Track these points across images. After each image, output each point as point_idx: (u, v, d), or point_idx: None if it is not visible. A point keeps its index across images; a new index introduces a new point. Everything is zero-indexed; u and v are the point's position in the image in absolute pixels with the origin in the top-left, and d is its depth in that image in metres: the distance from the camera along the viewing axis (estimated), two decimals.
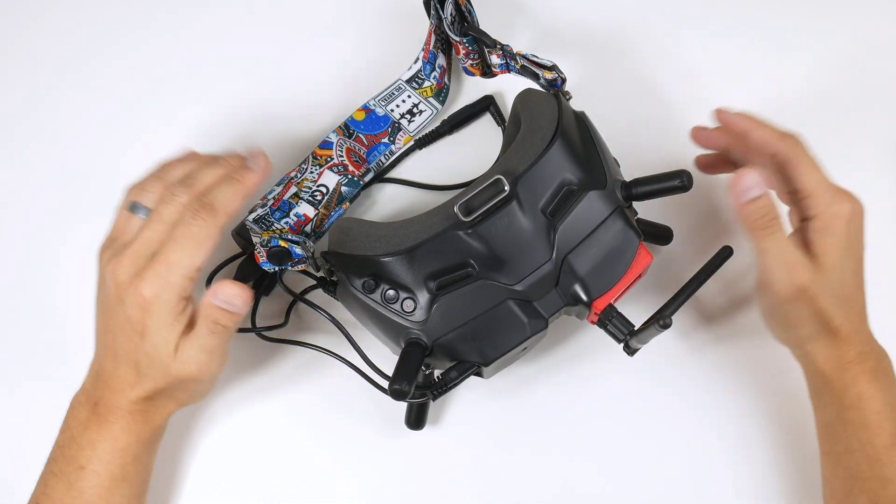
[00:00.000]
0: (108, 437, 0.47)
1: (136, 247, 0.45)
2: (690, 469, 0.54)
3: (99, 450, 0.47)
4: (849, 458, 0.46)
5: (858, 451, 0.45)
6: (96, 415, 0.47)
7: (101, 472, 0.47)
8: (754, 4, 0.66)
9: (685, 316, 0.57)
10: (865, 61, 0.64)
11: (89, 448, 0.47)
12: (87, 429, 0.47)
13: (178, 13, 0.67)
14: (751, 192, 0.44)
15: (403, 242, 0.47)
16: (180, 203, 0.45)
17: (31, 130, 0.64)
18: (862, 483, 0.45)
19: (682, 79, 0.63)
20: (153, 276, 0.44)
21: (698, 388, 0.56)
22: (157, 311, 0.44)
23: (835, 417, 0.47)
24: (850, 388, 0.46)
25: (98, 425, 0.47)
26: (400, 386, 0.44)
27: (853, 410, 0.46)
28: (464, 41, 0.55)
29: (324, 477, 0.55)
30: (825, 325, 0.46)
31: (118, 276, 0.45)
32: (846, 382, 0.46)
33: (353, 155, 0.59)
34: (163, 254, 0.44)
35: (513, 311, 0.47)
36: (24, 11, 0.67)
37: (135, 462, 0.48)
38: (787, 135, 0.47)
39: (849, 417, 0.46)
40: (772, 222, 0.44)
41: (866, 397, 0.45)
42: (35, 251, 0.60)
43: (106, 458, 0.47)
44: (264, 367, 0.57)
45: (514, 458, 0.55)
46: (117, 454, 0.47)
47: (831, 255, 0.45)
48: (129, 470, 0.48)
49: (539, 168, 0.47)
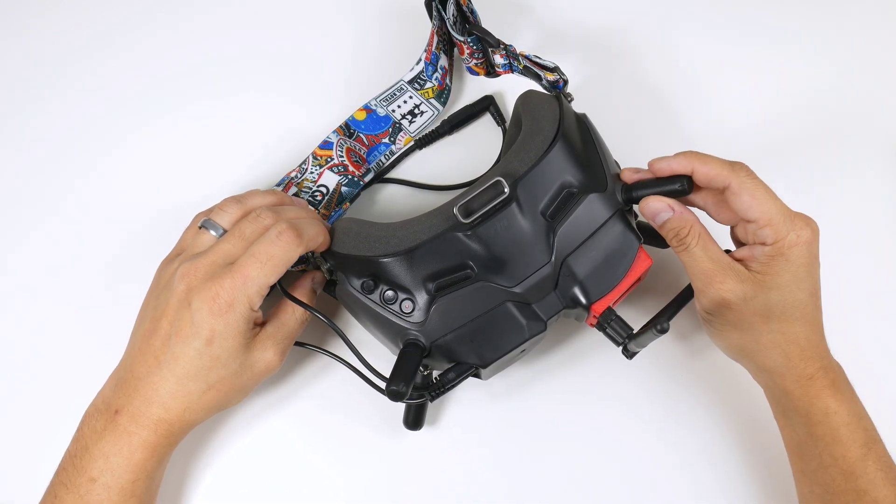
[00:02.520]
0: (124, 450, 0.46)
1: (214, 256, 0.46)
2: (689, 471, 0.54)
3: (112, 462, 0.45)
4: (823, 474, 0.46)
5: (832, 467, 0.45)
6: (115, 424, 0.46)
7: (111, 485, 0.45)
8: (755, 6, 0.66)
9: (684, 320, 0.57)
10: (866, 61, 0.64)
11: (102, 459, 0.45)
12: (102, 439, 0.46)
13: (179, 13, 0.67)
14: (660, 215, 0.47)
15: (403, 243, 0.47)
16: (263, 225, 0.46)
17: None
18: (838, 497, 0.45)
19: (683, 82, 0.63)
20: (231, 285, 0.44)
21: (697, 391, 0.56)
22: (231, 318, 0.45)
23: (805, 435, 0.46)
24: (815, 404, 0.45)
25: (116, 435, 0.46)
26: (397, 387, 0.44)
27: (822, 426, 0.45)
28: (468, 41, 0.55)
29: (321, 477, 0.55)
30: (783, 337, 0.46)
31: (191, 280, 0.45)
32: (810, 399, 0.46)
33: (353, 155, 0.59)
34: (242, 266, 0.45)
35: (511, 313, 0.47)
36: (24, 11, 0.67)
37: (147, 479, 0.47)
38: (733, 165, 0.46)
39: (818, 434, 0.45)
40: (685, 239, 0.46)
41: (832, 411, 0.45)
42: (51, 254, 0.60)
43: (118, 471, 0.46)
44: None
45: (511, 459, 0.55)
46: (130, 469, 0.46)
47: (781, 277, 0.45)
48: (139, 486, 0.46)
49: (539, 170, 0.47)
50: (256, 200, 0.50)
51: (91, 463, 0.46)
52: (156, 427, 0.46)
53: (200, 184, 0.60)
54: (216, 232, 0.48)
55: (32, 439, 0.55)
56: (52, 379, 0.56)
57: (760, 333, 0.46)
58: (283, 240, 0.45)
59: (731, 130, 0.61)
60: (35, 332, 0.58)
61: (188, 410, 0.46)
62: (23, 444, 0.55)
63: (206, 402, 0.47)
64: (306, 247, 0.46)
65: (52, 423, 0.54)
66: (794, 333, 0.46)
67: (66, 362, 0.57)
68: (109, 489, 0.45)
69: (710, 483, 0.54)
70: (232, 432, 0.56)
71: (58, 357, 0.57)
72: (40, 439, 0.55)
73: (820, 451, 0.45)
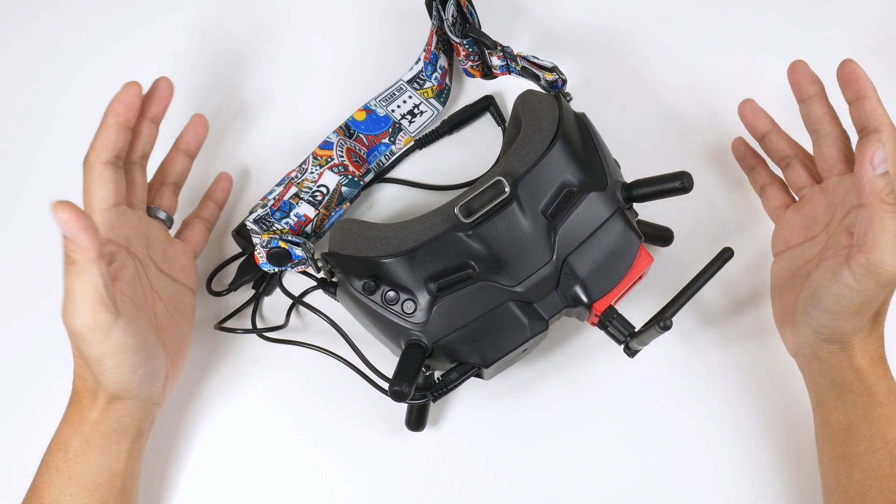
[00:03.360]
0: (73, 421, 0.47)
1: None
2: (691, 470, 0.54)
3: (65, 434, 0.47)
4: (870, 458, 0.45)
5: (881, 450, 0.45)
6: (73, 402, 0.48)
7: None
8: (754, 5, 0.65)
9: (685, 317, 0.57)
10: (866, 61, 0.64)
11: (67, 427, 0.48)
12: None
13: (179, 12, 0.67)
14: (882, 165, 0.42)
15: (404, 244, 0.47)
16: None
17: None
18: (881, 482, 0.44)
19: (682, 80, 0.63)
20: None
21: (699, 389, 0.56)
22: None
23: (859, 417, 0.45)
24: (881, 383, 0.45)
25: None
26: (400, 387, 0.44)
27: (881, 408, 0.45)
28: (464, 43, 0.55)
29: (323, 478, 0.55)
30: (878, 315, 0.45)
31: None
32: (878, 378, 0.45)
33: (353, 155, 0.59)
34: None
35: (513, 312, 0.47)
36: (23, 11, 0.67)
37: (84, 443, 0.47)
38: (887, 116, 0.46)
39: (875, 415, 0.45)
40: (894, 196, 0.42)
41: (894, 394, 0.45)
42: (37, 246, 0.60)
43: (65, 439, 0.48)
44: (264, 368, 0.57)
45: (514, 459, 0.55)
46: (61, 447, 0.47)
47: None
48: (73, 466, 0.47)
49: (539, 169, 0.47)
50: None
51: (58, 435, 0.48)
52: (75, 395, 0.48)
53: (201, 184, 0.60)
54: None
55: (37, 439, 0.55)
56: (58, 379, 0.57)
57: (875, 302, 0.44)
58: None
59: (730, 130, 0.60)
60: (39, 332, 0.58)
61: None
62: (26, 445, 0.55)
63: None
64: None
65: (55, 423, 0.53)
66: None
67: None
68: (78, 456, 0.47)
69: (712, 482, 0.54)
70: (231, 431, 0.56)
71: (63, 356, 0.57)
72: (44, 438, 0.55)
73: (873, 433, 0.45)
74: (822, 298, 0.45)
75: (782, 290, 0.51)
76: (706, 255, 0.50)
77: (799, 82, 0.50)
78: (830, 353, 0.47)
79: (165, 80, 0.50)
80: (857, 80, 0.47)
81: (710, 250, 0.52)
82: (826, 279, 0.44)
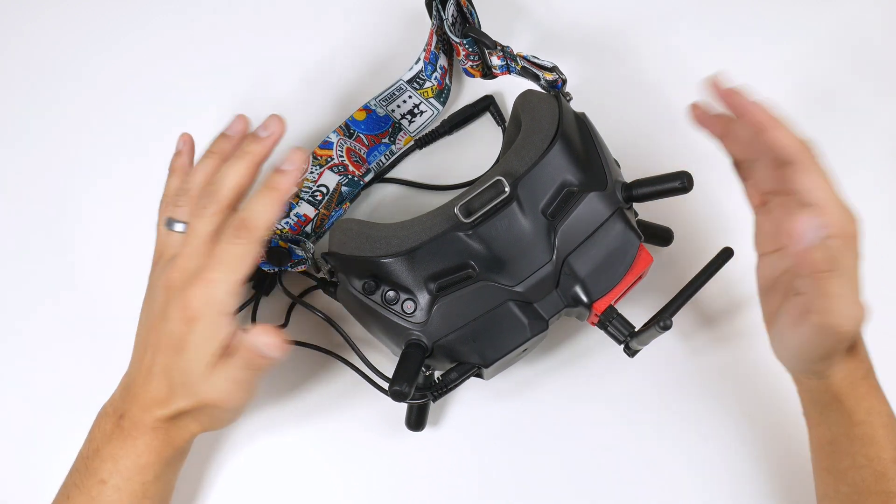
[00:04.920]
0: (131, 453, 0.46)
1: (181, 262, 0.45)
2: (690, 470, 0.54)
3: (121, 465, 0.46)
4: (854, 474, 0.45)
5: (865, 467, 0.45)
6: (120, 428, 0.46)
7: (121, 487, 0.46)
8: (753, 4, 0.65)
9: (685, 317, 0.57)
10: (866, 61, 0.64)
11: (111, 462, 0.46)
12: (111, 441, 0.46)
13: (180, 13, 0.67)
14: (813, 238, 0.39)
15: (404, 243, 0.47)
16: (212, 214, 0.45)
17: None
18: (867, 498, 0.45)
19: (682, 79, 0.63)
20: (199, 293, 0.44)
21: (699, 389, 0.56)
22: (200, 326, 0.44)
23: (840, 434, 0.45)
24: (861, 404, 0.45)
25: (121, 439, 0.46)
26: (400, 387, 0.44)
27: (863, 426, 0.45)
28: (464, 42, 0.55)
29: (323, 479, 0.55)
30: (852, 346, 0.45)
31: (169, 291, 0.45)
32: (858, 399, 0.45)
33: (353, 155, 0.59)
34: (205, 272, 0.44)
35: (513, 312, 0.47)
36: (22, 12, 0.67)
37: (156, 481, 0.47)
38: (801, 140, 0.43)
39: (857, 434, 0.45)
40: (833, 261, 0.40)
41: (875, 412, 0.45)
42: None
43: (127, 474, 0.46)
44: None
45: (514, 459, 0.55)
46: (138, 471, 0.46)
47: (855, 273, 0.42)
48: (149, 488, 0.47)
49: (539, 169, 0.47)
50: (196, 180, 0.48)
51: (101, 465, 0.46)
52: (154, 433, 0.46)
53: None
54: (180, 227, 0.47)
55: (46, 439, 0.55)
56: (64, 379, 0.57)
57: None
58: (238, 239, 0.44)
59: None
60: (46, 332, 0.58)
61: (178, 421, 0.46)
62: (34, 445, 0.55)
63: (191, 415, 0.46)
64: (263, 228, 0.44)
65: (65, 423, 0.53)
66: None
67: (79, 362, 0.57)
68: (120, 491, 0.46)
69: (712, 482, 0.54)
70: (233, 433, 0.56)
71: (70, 357, 0.57)
72: (54, 439, 0.55)
73: (855, 450, 0.45)
74: (788, 345, 0.45)
75: (766, 295, 0.48)
76: (706, 254, 0.50)
77: (728, 97, 0.46)
78: (808, 379, 0.47)
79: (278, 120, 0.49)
80: (751, 115, 0.43)
81: (710, 250, 0.52)
82: (789, 328, 0.43)
